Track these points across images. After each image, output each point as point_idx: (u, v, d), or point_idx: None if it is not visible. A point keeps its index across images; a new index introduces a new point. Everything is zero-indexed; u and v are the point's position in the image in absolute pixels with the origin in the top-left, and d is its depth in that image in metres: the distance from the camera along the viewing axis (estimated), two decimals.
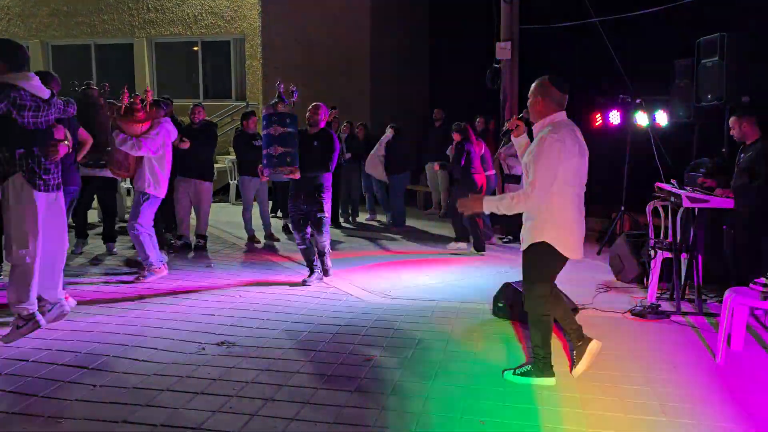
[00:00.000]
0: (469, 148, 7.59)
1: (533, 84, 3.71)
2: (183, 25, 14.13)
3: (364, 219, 10.10)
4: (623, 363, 4.06)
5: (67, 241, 4.66)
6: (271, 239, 8.16)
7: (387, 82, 13.28)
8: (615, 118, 7.83)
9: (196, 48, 14.45)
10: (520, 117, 3.95)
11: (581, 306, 5.27)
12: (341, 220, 9.79)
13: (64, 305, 4.64)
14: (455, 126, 7.77)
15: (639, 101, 7.60)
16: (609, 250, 6.86)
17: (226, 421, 3.22)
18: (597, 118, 8.10)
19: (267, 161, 5.70)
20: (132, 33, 14.45)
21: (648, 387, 3.71)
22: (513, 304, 4.91)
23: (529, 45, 10.43)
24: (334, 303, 5.43)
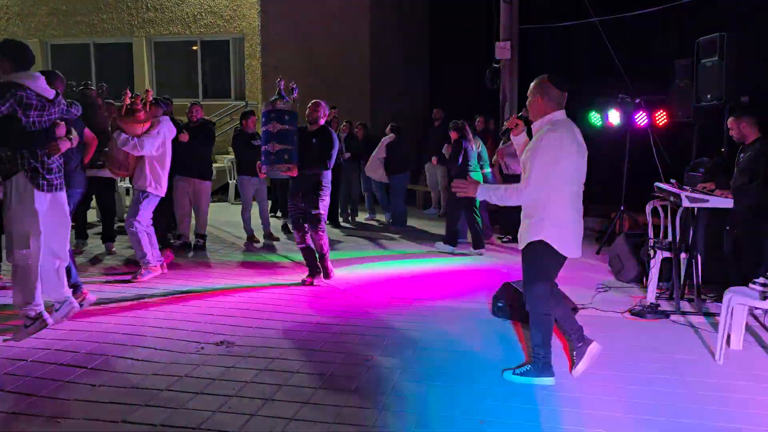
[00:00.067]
0: (466, 146, 7.60)
1: (532, 83, 3.71)
2: (182, 25, 14.12)
3: (363, 219, 10.09)
4: (622, 363, 4.06)
5: (69, 242, 4.65)
6: (270, 239, 8.16)
7: (386, 81, 13.27)
8: (614, 117, 7.83)
9: (195, 47, 14.44)
10: (519, 116, 3.96)
11: (581, 306, 5.27)
12: (341, 219, 9.78)
13: (72, 303, 4.62)
14: (452, 124, 7.79)
15: (638, 101, 7.60)
16: (608, 249, 6.87)
17: (225, 421, 3.22)
18: (596, 117, 8.11)
19: (265, 158, 5.68)
20: (131, 32, 14.45)
21: (647, 387, 3.71)
22: (513, 304, 4.91)
23: (529, 45, 10.44)
24: (333, 302, 5.43)
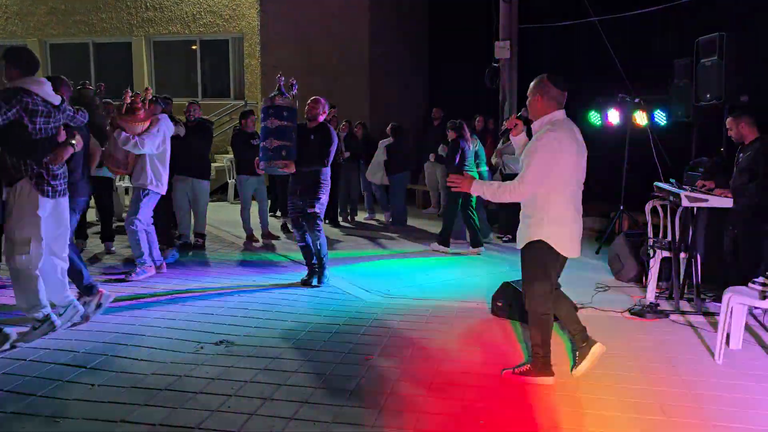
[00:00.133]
0: (464, 146, 7.61)
1: (532, 82, 3.70)
2: (181, 24, 14.11)
3: (363, 218, 10.09)
4: (622, 362, 4.06)
5: (68, 247, 4.64)
6: (270, 238, 8.16)
7: (386, 81, 13.27)
8: (614, 117, 7.83)
9: (194, 47, 14.42)
10: (519, 116, 3.88)
11: (580, 305, 5.25)
12: (340, 219, 9.78)
13: (77, 307, 4.60)
14: (450, 124, 7.80)
15: (638, 100, 7.60)
16: (608, 249, 6.87)
17: (224, 421, 3.22)
18: (596, 117, 8.11)
19: (262, 154, 5.65)
20: (130, 31, 14.43)
21: (647, 386, 3.71)
22: (512, 303, 4.91)
23: (528, 44, 10.44)
24: (332, 302, 5.42)
